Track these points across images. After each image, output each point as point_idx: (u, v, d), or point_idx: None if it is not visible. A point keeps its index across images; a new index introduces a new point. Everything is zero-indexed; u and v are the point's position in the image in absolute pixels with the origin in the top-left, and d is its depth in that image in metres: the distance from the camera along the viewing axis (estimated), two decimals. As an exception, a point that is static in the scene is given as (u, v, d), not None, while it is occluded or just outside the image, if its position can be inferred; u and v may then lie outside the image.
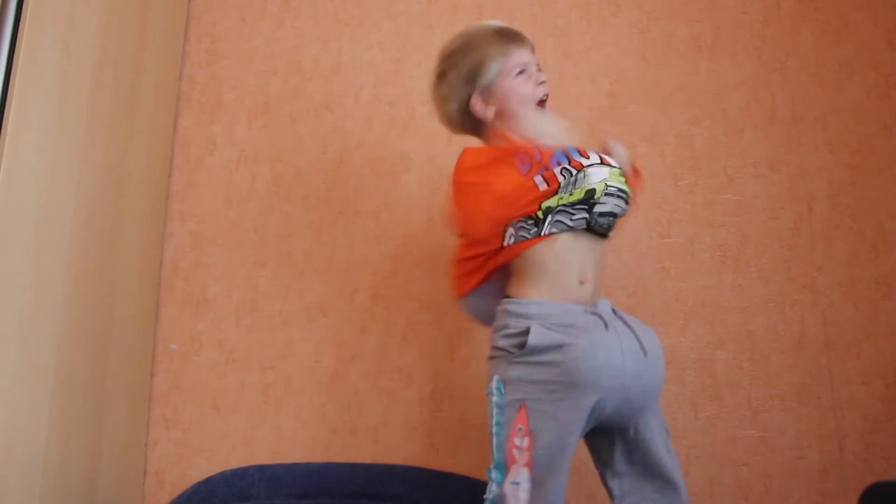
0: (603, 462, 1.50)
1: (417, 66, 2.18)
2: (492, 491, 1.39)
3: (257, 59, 2.27)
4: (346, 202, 2.12)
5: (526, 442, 1.37)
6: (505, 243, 1.48)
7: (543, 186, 1.44)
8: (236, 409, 2.03)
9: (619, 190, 1.48)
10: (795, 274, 1.89)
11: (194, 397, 2.05)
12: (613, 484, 1.47)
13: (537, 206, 1.45)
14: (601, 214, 1.46)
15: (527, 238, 1.47)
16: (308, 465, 1.92)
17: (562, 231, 1.46)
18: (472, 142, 1.62)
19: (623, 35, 2.10)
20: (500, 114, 1.57)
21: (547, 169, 1.44)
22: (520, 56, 1.58)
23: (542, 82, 1.58)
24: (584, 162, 1.46)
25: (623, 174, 1.50)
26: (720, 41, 2.06)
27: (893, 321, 1.83)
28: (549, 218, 1.45)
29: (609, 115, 2.07)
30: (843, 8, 2.03)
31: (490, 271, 1.53)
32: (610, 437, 1.48)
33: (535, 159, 1.45)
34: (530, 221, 1.46)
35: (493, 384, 1.43)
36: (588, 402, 1.36)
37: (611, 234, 1.51)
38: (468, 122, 1.62)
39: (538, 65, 1.60)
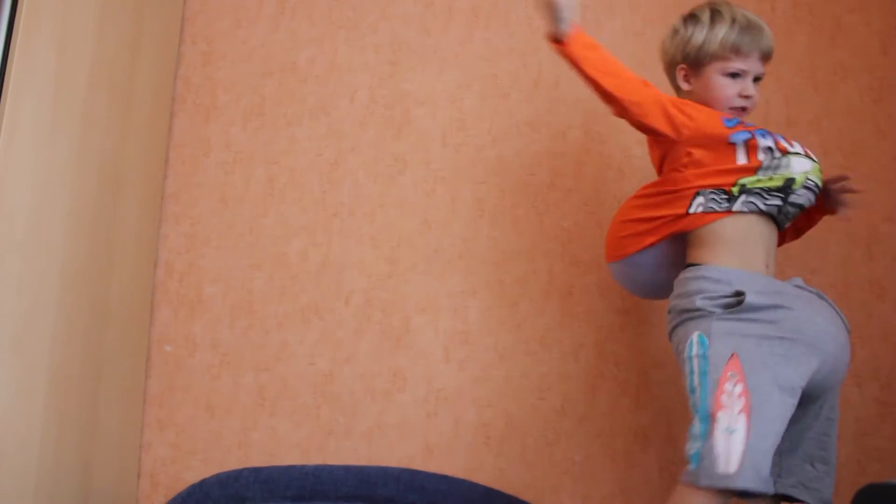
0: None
1: (412, 68, 2.18)
2: (694, 445, 1.32)
3: (252, 61, 2.27)
4: (341, 204, 2.12)
5: (739, 388, 1.32)
6: (692, 210, 1.50)
7: (743, 161, 1.48)
8: (231, 411, 2.03)
9: (816, 185, 1.53)
10: (789, 276, 1.90)
11: (189, 399, 2.05)
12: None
13: (733, 182, 1.49)
14: (792, 205, 1.51)
15: (716, 210, 1.49)
16: (303, 467, 1.92)
17: (751, 212, 1.49)
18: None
19: (618, 38, 2.10)
20: (696, 97, 1.60)
21: (752, 136, 1.49)
22: (744, 63, 1.56)
23: (748, 97, 1.56)
24: (790, 148, 1.51)
25: (821, 171, 1.55)
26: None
27: (887, 323, 1.83)
28: (742, 197, 1.48)
29: (605, 119, 2.06)
30: (836, 11, 2.03)
31: (665, 236, 1.54)
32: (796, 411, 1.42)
33: (744, 122, 1.52)
34: (723, 195, 1.49)
35: (695, 338, 1.40)
36: (812, 364, 1.38)
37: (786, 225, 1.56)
38: (671, 78, 1.66)
39: (758, 77, 1.58)
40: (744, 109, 1.57)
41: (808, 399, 1.43)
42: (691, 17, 1.62)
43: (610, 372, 1.92)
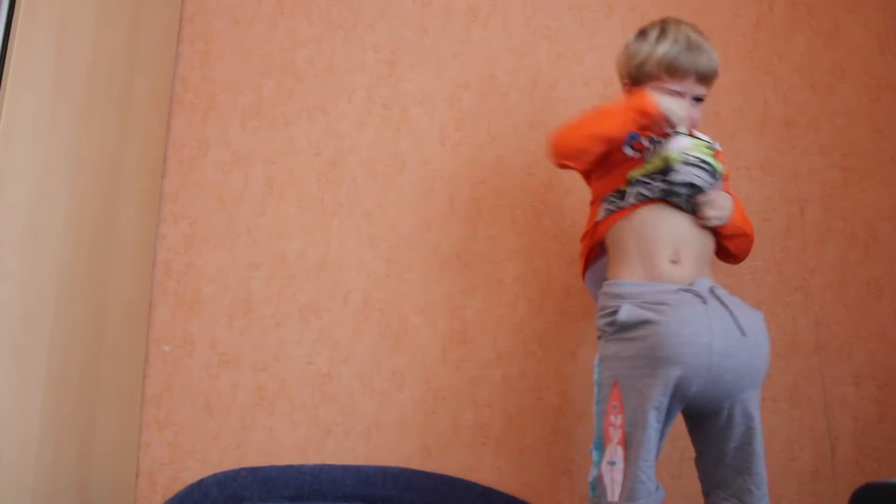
0: (698, 450, 1.50)
1: (411, 67, 2.18)
2: (592, 473, 1.41)
3: (250, 61, 2.27)
4: (340, 204, 2.12)
5: (619, 419, 1.39)
6: (599, 219, 1.54)
7: (630, 153, 1.50)
8: (229, 410, 2.03)
9: (702, 160, 1.48)
10: (787, 276, 1.90)
11: (187, 399, 2.05)
12: (701, 473, 1.48)
13: (623, 179, 1.50)
14: (678, 184, 1.46)
15: (613, 211, 1.51)
16: (301, 467, 1.92)
17: (642, 202, 1.48)
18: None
19: (616, 37, 2.10)
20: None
21: (634, 139, 1.51)
22: (679, 84, 1.54)
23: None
24: (670, 131, 1.49)
25: (711, 149, 1.50)
26: (713, 44, 2.06)
27: (885, 323, 1.83)
28: (631, 190, 1.49)
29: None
30: (834, 11, 2.03)
31: (592, 249, 1.58)
32: (704, 421, 1.47)
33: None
34: (617, 195, 1.51)
35: (595, 362, 1.48)
36: (671, 377, 1.36)
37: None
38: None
39: (699, 97, 1.57)
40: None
41: (708, 410, 1.45)
42: (641, 33, 1.61)
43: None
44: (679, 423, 1.52)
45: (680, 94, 1.53)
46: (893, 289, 1.85)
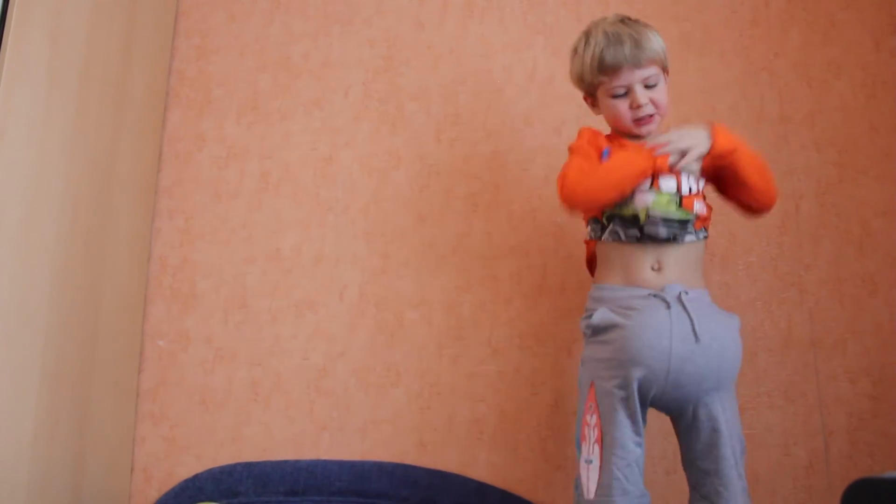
0: (680, 451, 1.53)
1: (407, 63, 2.18)
2: (575, 474, 1.46)
3: (246, 55, 2.27)
4: (335, 199, 2.12)
5: (594, 419, 1.43)
6: (585, 237, 1.60)
7: None
8: (224, 405, 2.03)
9: (664, 219, 1.47)
10: (782, 272, 1.90)
11: (182, 394, 2.05)
12: (687, 475, 1.51)
13: (600, 213, 1.52)
14: (649, 235, 1.48)
15: (593, 238, 1.56)
16: (296, 462, 1.92)
17: (615, 241, 1.51)
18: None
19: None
20: (607, 119, 1.60)
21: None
22: (618, 79, 1.52)
23: (639, 106, 1.52)
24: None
25: (674, 199, 1.48)
26: (709, 40, 2.07)
27: (879, 319, 1.84)
28: (609, 225, 1.52)
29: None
30: (830, 8, 2.03)
31: (589, 261, 1.62)
32: (674, 423, 1.52)
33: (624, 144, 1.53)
34: (597, 224, 1.54)
35: (580, 364, 1.53)
36: (633, 377, 1.41)
37: (686, 238, 1.49)
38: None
39: (649, 84, 1.53)
40: (650, 117, 1.53)
41: (671, 411, 1.49)
42: (573, 49, 1.61)
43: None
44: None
45: (626, 88, 1.52)
46: (888, 285, 1.85)
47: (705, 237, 1.54)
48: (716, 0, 2.10)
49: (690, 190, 1.50)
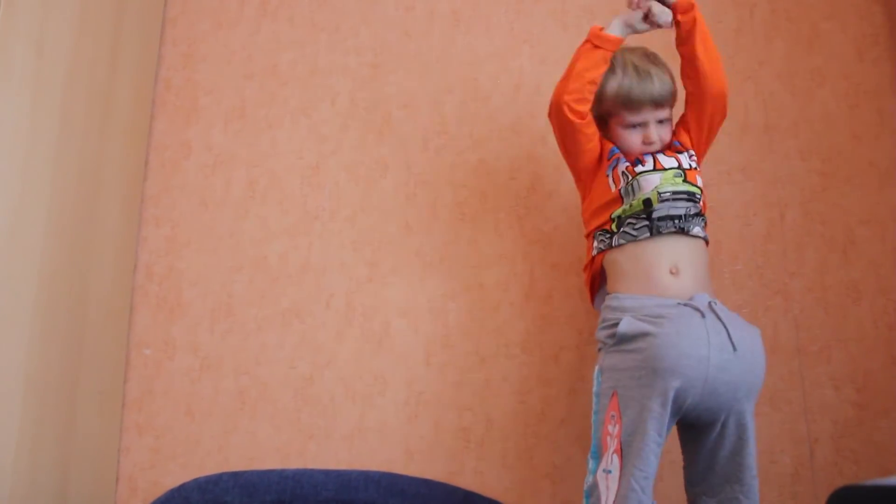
0: (688, 459, 1.53)
1: (394, 71, 2.18)
2: (587, 481, 1.45)
3: (233, 63, 2.27)
4: (322, 207, 2.12)
5: (616, 429, 1.42)
6: (594, 254, 1.59)
7: (613, 189, 1.55)
8: (210, 414, 2.02)
9: (674, 193, 1.52)
10: (768, 280, 1.91)
11: (168, 403, 2.04)
12: (687, 481, 1.52)
13: (608, 219, 1.55)
14: (660, 219, 1.51)
15: (603, 249, 1.56)
16: (283, 471, 1.91)
17: (629, 242, 1.52)
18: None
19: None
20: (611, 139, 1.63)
21: (616, 163, 1.57)
22: (637, 116, 1.57)
23: (652, 142, 1.57)
24: (638, 168, 1.53)
25: (679, 173, 1.54)
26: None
27: (863, 326, 1.85)
28: (619, 230, 1.53)
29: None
30: (813, 18, 2.05)
31: (594, 279, 1.62)
32: (698, 431, 1.50)
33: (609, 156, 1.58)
34: (606, 234, 1.56)
35: (595, 374, 1.52)
36: (670, 388, 1.40)
37: (694, 229, 1.53)
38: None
39: (659, 119, 1.58)
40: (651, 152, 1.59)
41: (703, 421, 1.48)
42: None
43: (590, 376, 1.92)
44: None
45: (643, 125, 1.57)
46: (872, 292, 1.86)
47: (707, 241, 1.58)
48: (701, 9, 2.11)
49: (691, 165, 1.57)
